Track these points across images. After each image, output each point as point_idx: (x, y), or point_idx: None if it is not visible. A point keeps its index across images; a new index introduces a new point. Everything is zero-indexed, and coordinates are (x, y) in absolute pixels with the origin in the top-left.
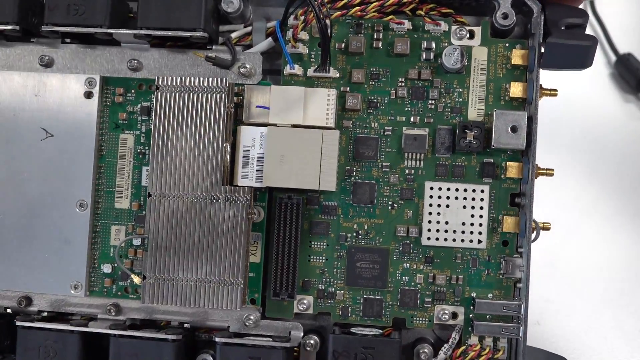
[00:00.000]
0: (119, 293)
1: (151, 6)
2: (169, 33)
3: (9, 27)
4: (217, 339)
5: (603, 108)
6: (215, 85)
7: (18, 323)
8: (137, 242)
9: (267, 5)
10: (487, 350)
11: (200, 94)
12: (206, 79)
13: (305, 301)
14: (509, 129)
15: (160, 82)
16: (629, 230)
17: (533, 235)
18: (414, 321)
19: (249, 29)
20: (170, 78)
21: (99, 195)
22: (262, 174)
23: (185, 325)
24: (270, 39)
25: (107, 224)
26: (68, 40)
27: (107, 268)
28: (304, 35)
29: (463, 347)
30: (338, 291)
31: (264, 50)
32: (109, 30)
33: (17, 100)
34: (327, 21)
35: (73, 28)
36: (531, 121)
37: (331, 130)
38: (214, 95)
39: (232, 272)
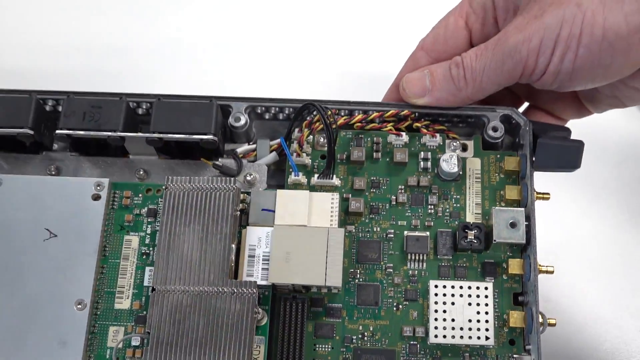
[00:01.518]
0: None
1: (164, 113)
2: (181, 136)
3: (22, 131)
4: None
5: None
6: (223, 184)
7: None
8: (136, 342)
9: (269, 127)
10: None
11: (209, 192)
12: (215, 178)
13: None
14: (509, 225)
15: (169, 182)
16: (629, 231)
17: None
18: None
19: (253, 146)
20: (179, 178)
21: (99, 296)
22: (267, 272)
23: None
24: (274, 153)
25: (105, 325)
26: (76, 153)
27: None
28: (307, 148)
29: None
30: None
31: (268, 163)
32: (122, 134)
33: (22, 202)
34: (334, 127)
35: (87, 132)
36: (529, 219)
37: (336, 228)
38: (222, 193)
39: None
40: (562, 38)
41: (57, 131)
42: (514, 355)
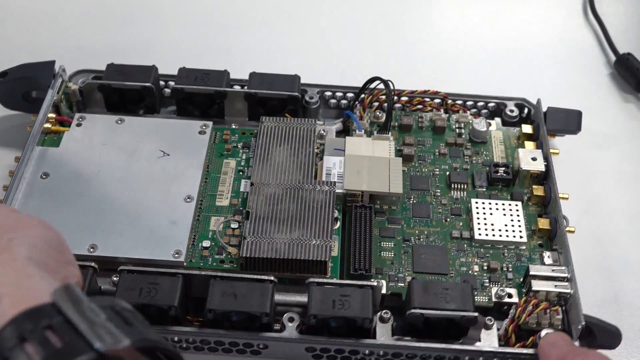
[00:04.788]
0: (214, 264)
1: (258, 78)
2: (273, 92)
3: (146, 84)
4: (310, 279)
5: (603, 108)
6: (306, 122)
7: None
8: (234, 225)
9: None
10: (544, 304)
11: (295, 126)
12: (299, 119)
13: (378, 283)
14: (531, 159)
15: (263, 119)
16: (629, 231)
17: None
18: (476, 300)
19: (321, 121)
20: (272, 118)
21: (203, 196)
22: (341, 184)
23: None
24: (340, 123)
25: (208, 216)
26: (180, 117)
27: (205, 243)
28: (366, 118)
29: (525, 297)
30: (407, 277)
31: (335, 129)
32: (226, 89)
33: (140, 134)
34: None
35: (198, 87)
36: (547, 158)
37: (395, 157)
38: (306, 126)
39: (322, 234)
40: None
41: (174, 85)
42: (544, 252)
